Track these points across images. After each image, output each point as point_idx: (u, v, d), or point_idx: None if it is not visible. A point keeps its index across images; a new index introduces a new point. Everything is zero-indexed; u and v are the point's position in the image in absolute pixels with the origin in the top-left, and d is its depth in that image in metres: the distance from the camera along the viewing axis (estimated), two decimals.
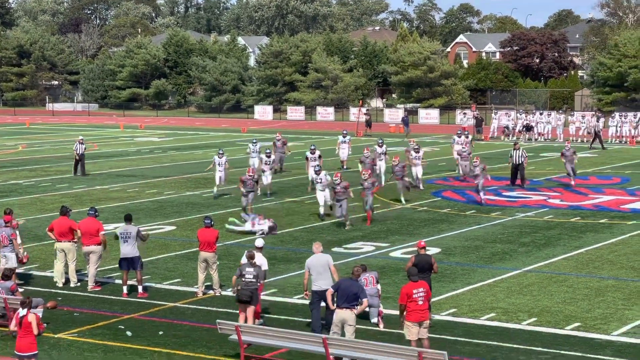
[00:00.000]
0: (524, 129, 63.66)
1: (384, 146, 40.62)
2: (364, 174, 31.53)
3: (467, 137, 45.25)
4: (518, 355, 17.51)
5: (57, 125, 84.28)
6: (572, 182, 39.46)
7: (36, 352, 15.80)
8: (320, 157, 38.71)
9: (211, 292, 22.18)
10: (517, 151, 39.21)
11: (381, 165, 39.78)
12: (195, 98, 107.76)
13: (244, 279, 18.63)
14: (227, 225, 29.64)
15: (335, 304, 17.19)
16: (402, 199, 35.33)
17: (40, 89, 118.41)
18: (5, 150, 58.87)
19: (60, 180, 43.27)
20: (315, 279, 18.42)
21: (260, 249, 20.03)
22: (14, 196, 38.21)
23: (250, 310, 18.69)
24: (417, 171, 38.76)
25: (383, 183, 38.88)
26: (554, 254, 26.53)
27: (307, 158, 38.96)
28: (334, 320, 17.22)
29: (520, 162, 39.26)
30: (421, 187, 38.51)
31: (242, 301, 18.64)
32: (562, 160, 40.11)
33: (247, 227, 29.39)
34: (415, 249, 20.09)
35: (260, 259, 19.70)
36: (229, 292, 21.80)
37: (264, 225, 29.34)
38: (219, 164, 36.85)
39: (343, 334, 17.04)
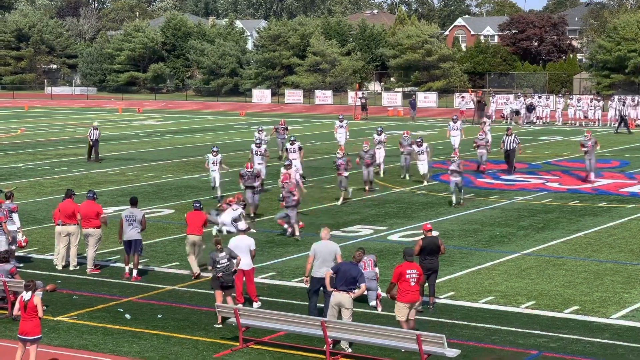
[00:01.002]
0: (526, 110, 63.30)
1: (383, 134, 39.49)
2: (286, 182, 27.53)
3: (488, 118, 45.00)
4: (516, 339, 17.54)
5: (56, 109, 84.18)
6: (591, 177, 36.45)
7: (40, 335, 15.83)
8: (300, 148, 36.83)
9: (203, 274, 22.33)
10: (509, 137, 38.63)
11: (380, 154, 38.62)
12: (193, 81, 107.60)
13: (219, 266, 18.65)
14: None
15: (333, 286, 17.19)
16: (341, 199, 32.23)
17: (38, 72, 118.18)
18: (4, 134, 58.81)
19: (59, 164, 43.25)
20: (319, 265, 18.29)
21: (244, 231, 20.05)
22: (13, 179, 38.19)
23: (230, 294, 18.80)
24: (421, 168, 36.26)
25: (382, 173, 38.39)
26: (552, 237, 26.56)
27: (286, 150, 37.33)
28: (330, 302, 17.22)
29: (511, 147, 38.46)
30: (425, 183, 36.11)
31: (227, 287, 18.68)
32: (581, 150, 37.25)
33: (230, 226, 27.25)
34: (422, 231, 20.13)
35: (247, 240, 19.69)
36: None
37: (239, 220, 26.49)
38: (213, 163, 32.55)
39: (340, 318, 17.05)
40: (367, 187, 34.33)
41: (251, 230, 25.67)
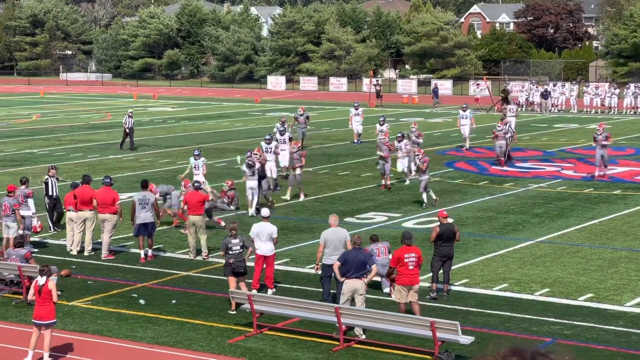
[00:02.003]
0: (541, 97, 62.65)
1: (386, 124, 38.19)
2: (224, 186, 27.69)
3: (517, 108, 44.37)
4: (530, 326, 17.51)
5: (71, 95, 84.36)
6: (596, 173, 34.23)
7: (55, 320, 15.91)
8: (291, 139, 35.10)
9: (199, 257, 22.48)
10: (504, 126, 37.60)
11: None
12: (208, 68, 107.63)
13: (231, 252, 18.69)
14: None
15: (343, 275, 17.18)
16: (289, 194, 30.50)
17: (54, 58, 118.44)
18: (19, 120, 58.96)
19: (74, 150, 43.34)
20: (330, 253, 18.36)
21: (267, 218, 20.03)
22: (28, 165, 38.30)
23: (244, 280, 18.85)
24: (399, 165, 33.20)
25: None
26: (567, 225, 26.48)
27: (276, 140, 36.02)
28: (343, 290, 17.22)
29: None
30: (407, 181, 33.40)
31: (239, 273, 18.72)
32: (594, 144, 34.90)
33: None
34: (437, 218, 20.11)
35: (269, 227, 19.72)
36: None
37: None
38: (195, 167, 29.45)
39: (353, 304, 17.07)
40: (384, 182, 32.36)
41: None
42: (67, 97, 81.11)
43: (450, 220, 20.08)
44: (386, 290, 19.50)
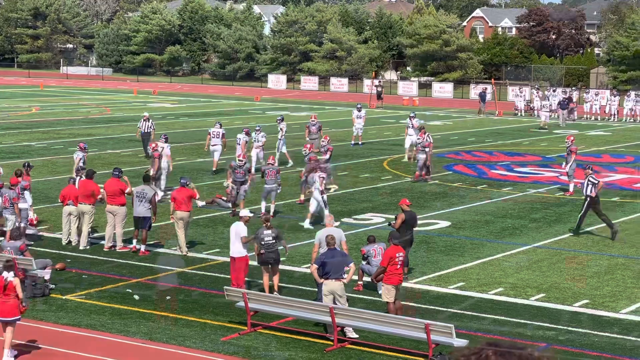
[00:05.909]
0: (559, 107, 59.43)
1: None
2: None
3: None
4: (525, 331, 17.46)
5: (71, 89, 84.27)
6: (571, 187, 32.44)
7: (19, 317, 15.40)
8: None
9: (175, 249, 22.64)
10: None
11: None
12: (209, 65, 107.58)
13: (263, 243, 18.76)
14: None
15: (322, 277, 17.08)
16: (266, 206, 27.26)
17: (55, 52, 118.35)
18: (18, 112, 58.88)
19: (72, 144, 43.19)
20: None
21: (243, 219, 19.67)
22: (26, 157, 38.15)
23: (276, 270, 19.07)
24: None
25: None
26: (564, 230, 26.44)
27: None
28: (323, 291, 17.13)
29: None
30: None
31: (268, 263, 18.95)
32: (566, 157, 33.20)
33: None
34: (400, 206, 20.69)
35: (238, 227, 19.47)
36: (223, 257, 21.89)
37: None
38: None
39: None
40: (420, 174, 33.52)
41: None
42: (67, 91, 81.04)
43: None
44: (381, 291, 19.43)
